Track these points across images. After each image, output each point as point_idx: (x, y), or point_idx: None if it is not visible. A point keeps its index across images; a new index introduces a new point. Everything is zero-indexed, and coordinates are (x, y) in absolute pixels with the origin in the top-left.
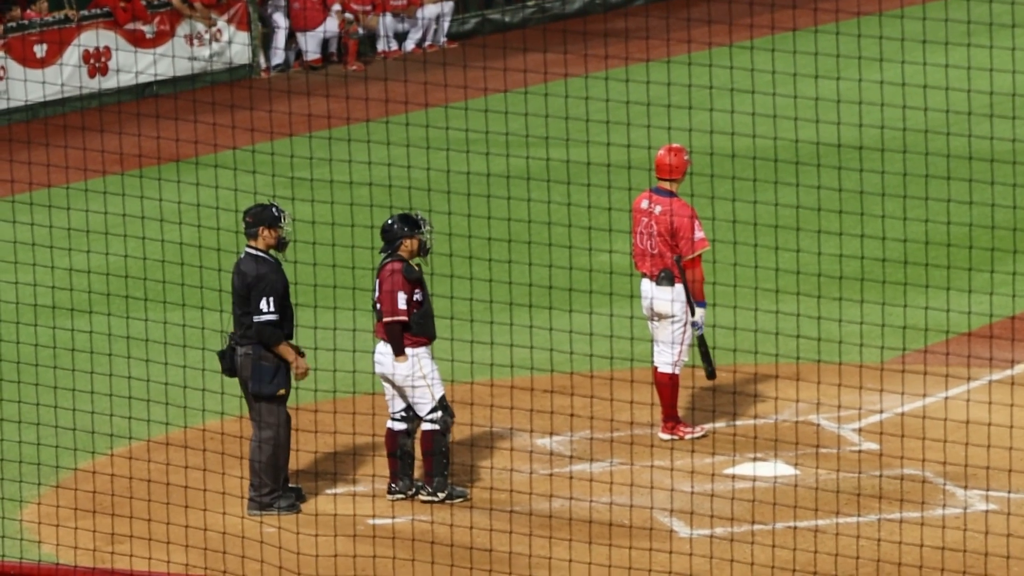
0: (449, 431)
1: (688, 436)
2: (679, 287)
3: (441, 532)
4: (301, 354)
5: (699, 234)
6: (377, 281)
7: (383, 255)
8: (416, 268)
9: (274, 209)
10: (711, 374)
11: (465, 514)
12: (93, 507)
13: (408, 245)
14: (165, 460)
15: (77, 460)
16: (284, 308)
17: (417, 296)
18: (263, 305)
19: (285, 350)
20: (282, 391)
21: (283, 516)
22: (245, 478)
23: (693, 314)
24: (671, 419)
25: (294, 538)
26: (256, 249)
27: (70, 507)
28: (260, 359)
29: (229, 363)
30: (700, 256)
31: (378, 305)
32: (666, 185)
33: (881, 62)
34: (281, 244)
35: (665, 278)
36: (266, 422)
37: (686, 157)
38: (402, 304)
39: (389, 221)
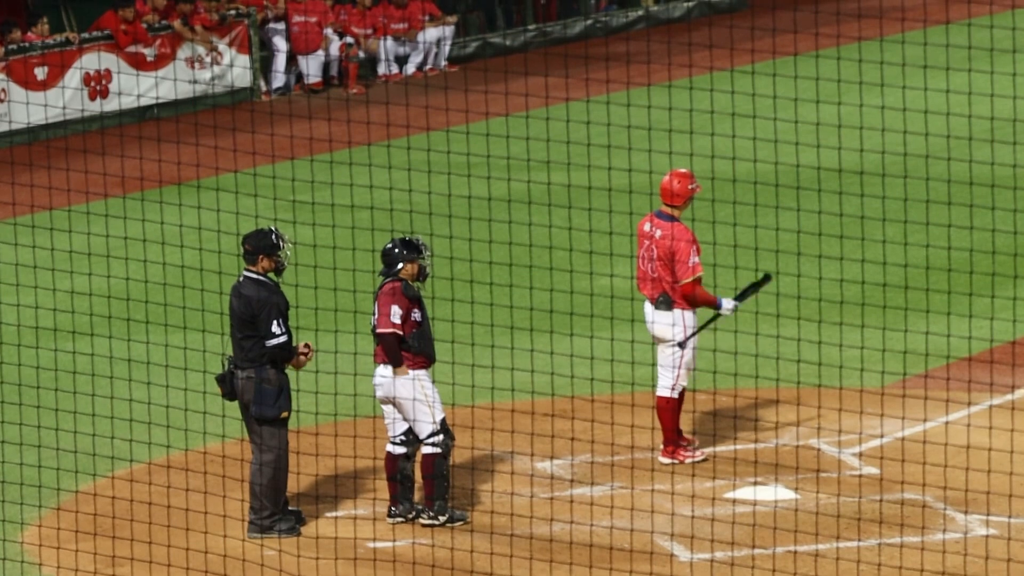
0: (450, 454)
1: (688, 460)
2: (677, 312)
3: (442, 555)
4: (288, 392)
5: (694, 259)
6: (375, 304)
7: (383, 278)
8: (415, 289)
9: (273, 236)
10: (766, 277)
11: (466, 537)
12: (94, 529)
13: (408, 269)
14: (166, 482)
15: (78, 482)
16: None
17: (416, 316)
18: (274, 328)
19: (295, 363)
20: (285, 413)
21: (283, 539)
22: (246, 501)
23: (688, 338)
24: (671, 443)
25: (295, 561)
26: (255, 273)
27: (71, 529)
28: (262, 382)
29: (229, 387)
30: (699, 279)
31: (377, 329)
32: (667, 210)
33: (882, 87)
34: (279, 268)
35: (663, 302)
36: (267, 445)
37: (691, 185)
38: (395, 318)
39: (390, 245)
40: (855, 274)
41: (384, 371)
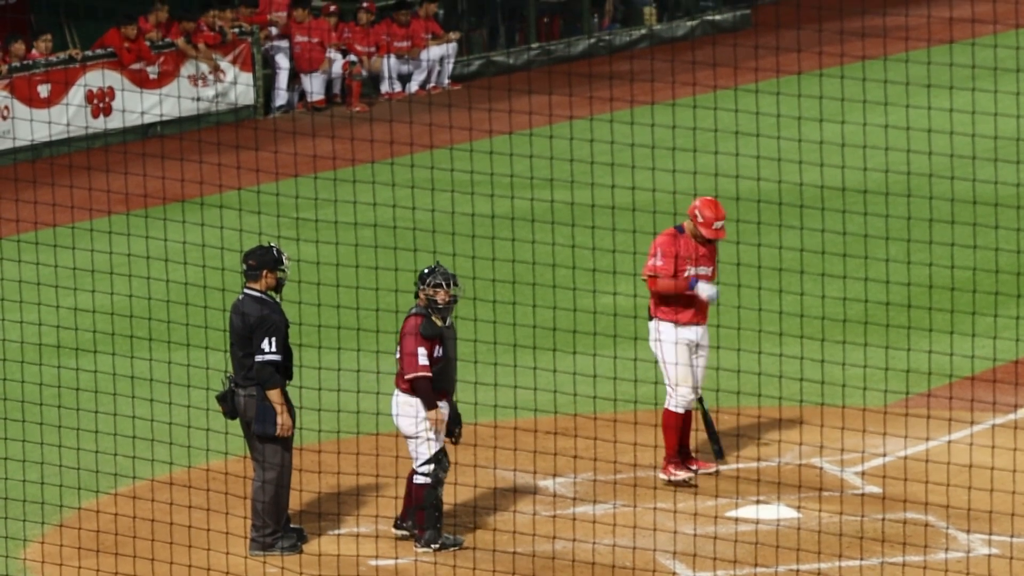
0: (441, 485)
1: (670, 477)
2: (654, 323)
3: (444, 573)
4: (291, 409)
5: (651, 261)
6: (400, 338)
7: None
8: (437, 324)
9: (275, 251)
10: (718, 453)
11: (468, 556)
12: (96, 546)
13: (421, 298)
14: (169, 499)
15: (81, 499)
16: (284, 348)
17: (437, 352)
18: (265, 345)
19: (276, 397)
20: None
21: (286, 556)
22: (248, 518)
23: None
24: (668, 459)
25: None
26: (256, 290)
27: (74, 546)
28: (264, 399)
29: (230, 406)
30: (654, 278)
31: (397, 354)
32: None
33: (886, 106)
34: (279, 285)
35: (649, 316)
36: (269, 463)
37: (699, 213)
38: (423, 359)
39: (423, 270)
40: (858, 292)
41: (395, 394)
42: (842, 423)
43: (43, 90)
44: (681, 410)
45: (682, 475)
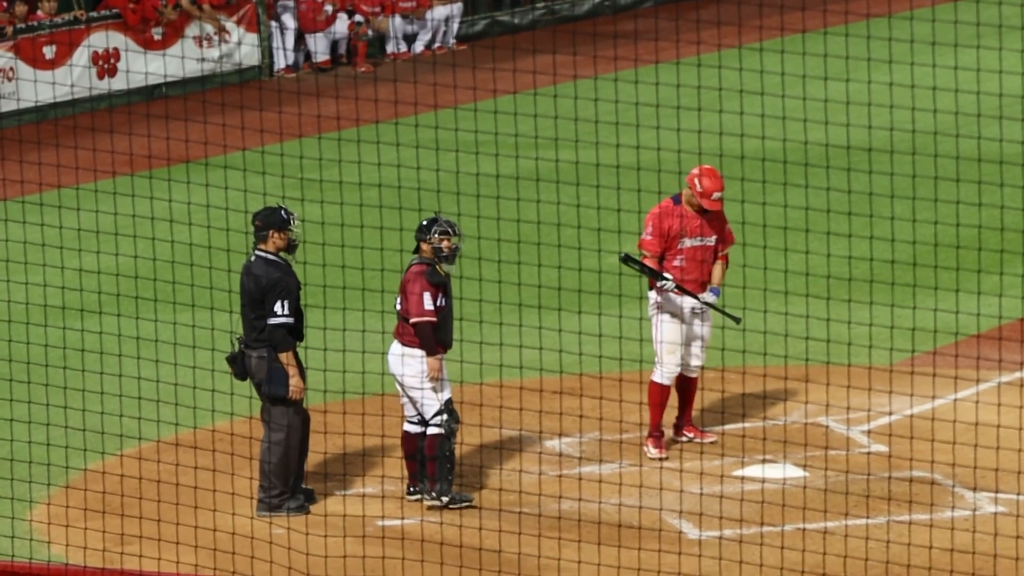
0: (454, 435)
1: (648, 451)
2: (653, 293)
3: (450, 533)
4: (303, 371)
5: (643, 236)
6: (403, 286)
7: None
8: (442, 273)
9: (283, 212)
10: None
11: (474, 516)
12: (103, 508)
13: (424, 249)
14: (175, 461)
15: (86, 461)
16: (295, 310)
17: (440, 301)
18: (277, 308)
19: (288, 360)
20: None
21: (292, 517)
22: (254, 479)
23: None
24: (650, 432)
25: (303, 539)
26: (266, 252)
27: (79, 508)
28: (275, 361)
29: (240, 367)
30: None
31: (399, 306)
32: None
33: (891, 64)
34: (291, 246)
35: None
36: (277, 424)
37: (697, 183)
38: (428, 304)
39: (422, 222)
40: (864, 251)
41: (397, 348)
42: (848, 382)
43: (48, 51)
44: (667, 381)
45: (655, 453)
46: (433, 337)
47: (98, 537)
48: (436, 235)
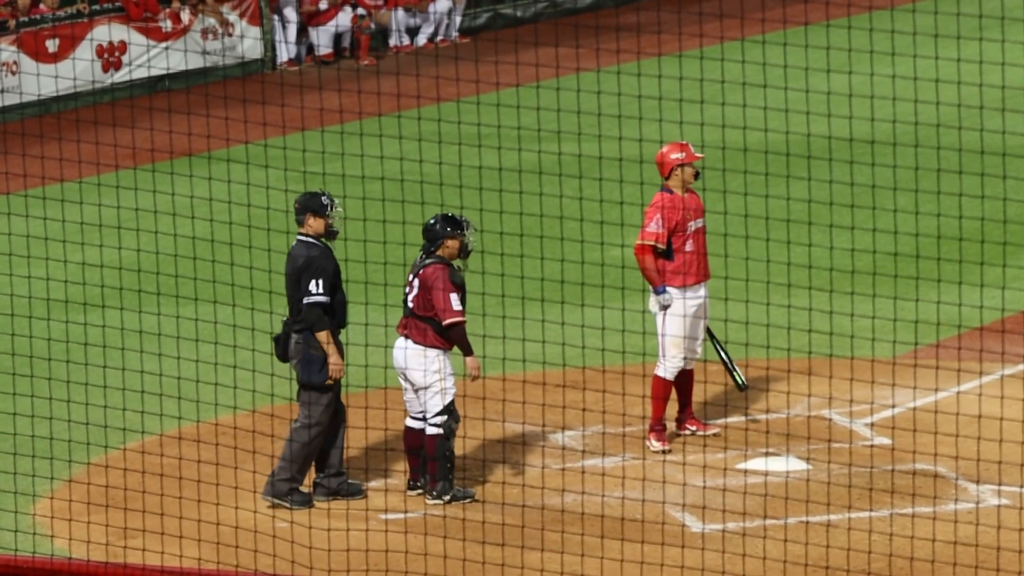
0: (453, 436)
1: (651, 444)
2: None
3: (453, 527)
4: (342, 353)
5: (650, 227)
6: (415, 280)
7: (422, 254)
8: (459, 271)
9: (323, 198)
10: (741, 385)
11: (478, 509)
12: (106, 501)
13: (450, 246)
14: (178, 455)
15: (90, 455)
16: (335, 294)
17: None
18: (312, 287)
19: (326, 340)
20: (330, 381)
21: (295, 511)
22: (258, 472)
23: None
24: (652, 426)
25: (307, 532)
26: (306, 236)
27: (83, 502)
28: (310, 347)
29: (283, 348)
30: (650, 247)
31: (411, 303)
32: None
33: (893, 56)
34: (330, 233)
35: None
36: (306, 412)
37: (674, 155)
38: (457, 305)
39: (432, 221)
40: (866, 243)
41: (402, 343)
42: (851, 374)
43: (51, 45)
44: (670, 376)
45: (658, 446)
46: (466, 337)
47: (101, 531)
48: (470, 232)
